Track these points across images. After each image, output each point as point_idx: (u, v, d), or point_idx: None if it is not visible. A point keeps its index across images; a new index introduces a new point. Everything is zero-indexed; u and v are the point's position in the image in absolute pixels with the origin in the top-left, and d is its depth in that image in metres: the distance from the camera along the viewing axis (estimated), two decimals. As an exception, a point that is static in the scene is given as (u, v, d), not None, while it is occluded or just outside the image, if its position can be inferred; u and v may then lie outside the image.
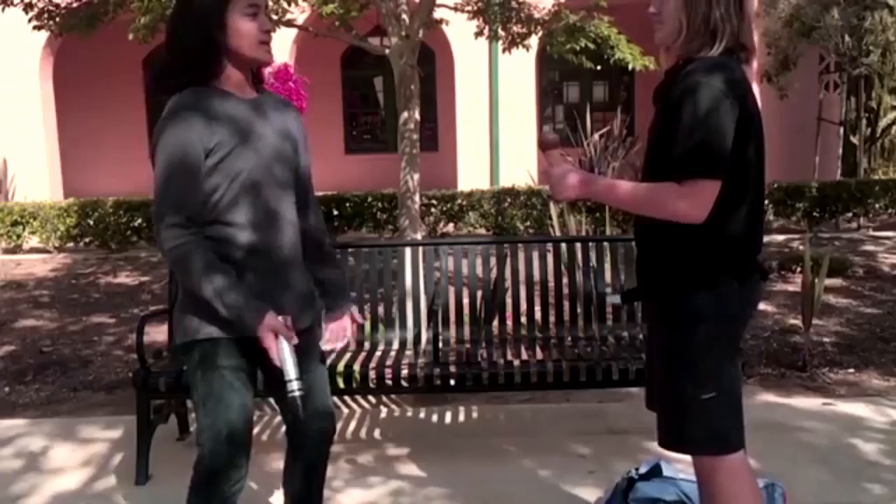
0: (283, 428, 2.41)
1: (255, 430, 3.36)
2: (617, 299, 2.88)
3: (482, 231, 9.62)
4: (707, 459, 2.04)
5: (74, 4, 5.86)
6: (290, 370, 1.99)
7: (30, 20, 5.87)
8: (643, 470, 2.82)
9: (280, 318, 2.01)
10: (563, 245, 4.16)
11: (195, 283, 1.97)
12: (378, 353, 3.75)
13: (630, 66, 6.18)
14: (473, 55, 11.59)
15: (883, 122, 15.29)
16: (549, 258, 4.03)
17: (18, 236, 9.53)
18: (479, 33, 6.33)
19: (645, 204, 1.99)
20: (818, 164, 11.03)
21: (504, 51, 6.30)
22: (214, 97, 2.04)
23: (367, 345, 3.87)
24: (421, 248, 4.09)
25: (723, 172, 1.89)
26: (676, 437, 2.06)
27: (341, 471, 3.29)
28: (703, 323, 1.98)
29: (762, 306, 2.07)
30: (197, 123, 1.97)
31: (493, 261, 4.07)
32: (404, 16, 5.02)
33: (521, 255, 4.12)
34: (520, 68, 11.43)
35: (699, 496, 2.13)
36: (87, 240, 9.56)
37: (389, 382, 3.38)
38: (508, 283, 4.16)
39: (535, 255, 4.08)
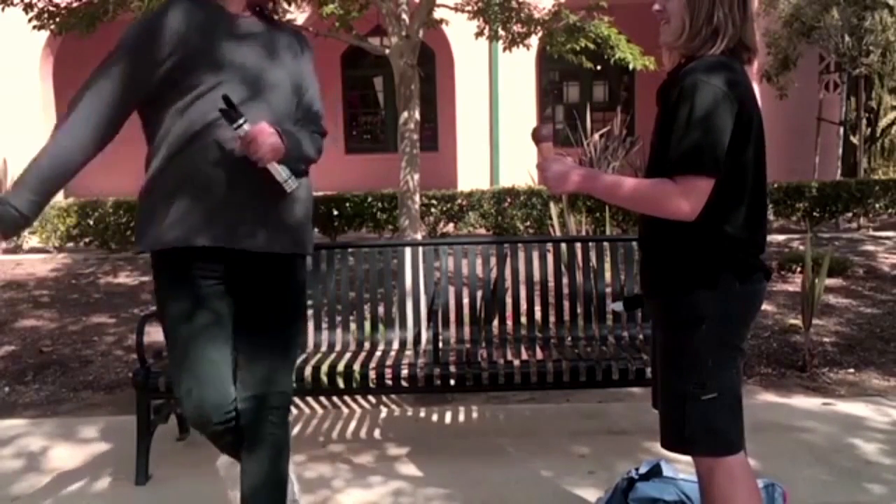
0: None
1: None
2: (619, 307, 2.88)
3: (482, 231, 9.61)
4: (707, 460, 2.04)
5: (74, 4, 5.85)
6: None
7: (30, 20, 5.86)
8: (643, 470, 2.82)
9: None
10: (563, 245, 4.17)
11: None
12: (378, 353, 3.74)
13: (630, 66, 6.17)
14: (473, 55, 11.58)
15: (883, 122, 15.30)
16: (549, 258, 4.03)
17: (18, 236, 9.52)
18: (479, 33, 6.33)
19: (641, 201, 1.99)
20: (818, 164, 11.04)
21: (504, 49, 6.29)
22: None
23: (367, 345, 3.88)
24: (421, 248, 4.09)
25: (718, 171, 1.89)
26: (677, 437, 2.06)
27: (341, 471, 3.29)
28: (705, 323, 1.98)
29: (762, 306, 2.06)
30: None
31: (493, 261, 4.06)
32: (404, 16, 5.02)
33: (521, 255, 4.12)
34: (520, 68, 11.43)
35: (699, 496, 2.14)
36: (87, 240, 9.55)
37: (389, 382, 3.38)
38: (508, 283, 4.16)
39: (535, 255, 4.08)
